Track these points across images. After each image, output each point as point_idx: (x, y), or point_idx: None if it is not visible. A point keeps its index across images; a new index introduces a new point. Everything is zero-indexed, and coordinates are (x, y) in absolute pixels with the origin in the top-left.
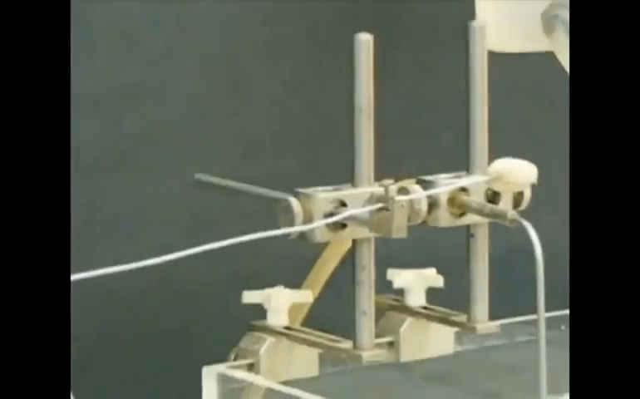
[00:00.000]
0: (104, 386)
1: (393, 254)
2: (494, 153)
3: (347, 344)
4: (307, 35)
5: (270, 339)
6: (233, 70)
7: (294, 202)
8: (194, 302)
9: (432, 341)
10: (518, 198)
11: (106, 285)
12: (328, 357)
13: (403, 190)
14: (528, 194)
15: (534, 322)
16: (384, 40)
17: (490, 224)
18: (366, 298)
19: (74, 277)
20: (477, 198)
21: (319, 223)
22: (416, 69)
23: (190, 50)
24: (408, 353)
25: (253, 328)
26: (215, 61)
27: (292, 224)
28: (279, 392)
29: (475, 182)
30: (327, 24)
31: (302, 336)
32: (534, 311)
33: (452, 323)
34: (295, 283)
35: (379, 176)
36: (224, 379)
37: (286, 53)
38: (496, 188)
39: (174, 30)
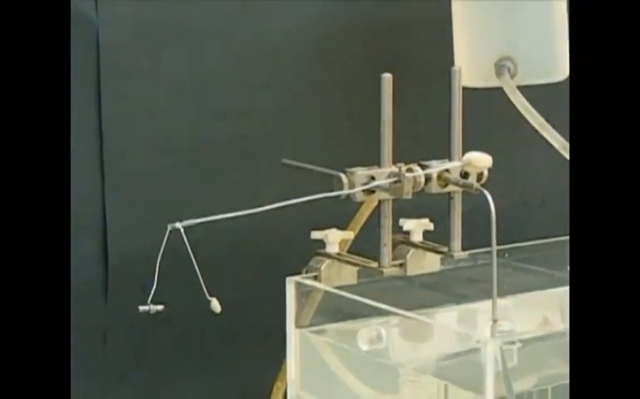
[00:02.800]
0: (224, 287)
1: (403, 209)
2: (465, 148)
3: (374, 264)
4: (355, 76)
5: (327, 260)
6: (305, 97)
7: (344, 177)
8: (284, 238)
9: (426, 263)
10: (479, 176)
11: (229, 225)
12: (362, 272)
13: (410, 170)
14: (485, 173)
15: (489, 252)
16: (397, 77)
17: (463, 191)
18: (387, 236)
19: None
20: (455, 175)
21: (358, 189)
22: (419, 96)
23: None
24: (411, 270)
25: (317, 254)
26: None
27: (342, 190)
28: (332, 293)
29: (453, 166)
30: (367, 68)
31: (347, 258)
32: (489, 244)
33: (438, 252)
34: (343, 226)
35: (395, 160)
36: (298, 285)
37: (335, 85)
38: (466, 170)
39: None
